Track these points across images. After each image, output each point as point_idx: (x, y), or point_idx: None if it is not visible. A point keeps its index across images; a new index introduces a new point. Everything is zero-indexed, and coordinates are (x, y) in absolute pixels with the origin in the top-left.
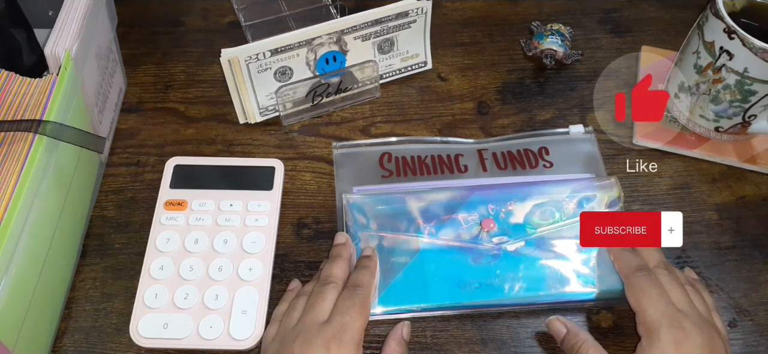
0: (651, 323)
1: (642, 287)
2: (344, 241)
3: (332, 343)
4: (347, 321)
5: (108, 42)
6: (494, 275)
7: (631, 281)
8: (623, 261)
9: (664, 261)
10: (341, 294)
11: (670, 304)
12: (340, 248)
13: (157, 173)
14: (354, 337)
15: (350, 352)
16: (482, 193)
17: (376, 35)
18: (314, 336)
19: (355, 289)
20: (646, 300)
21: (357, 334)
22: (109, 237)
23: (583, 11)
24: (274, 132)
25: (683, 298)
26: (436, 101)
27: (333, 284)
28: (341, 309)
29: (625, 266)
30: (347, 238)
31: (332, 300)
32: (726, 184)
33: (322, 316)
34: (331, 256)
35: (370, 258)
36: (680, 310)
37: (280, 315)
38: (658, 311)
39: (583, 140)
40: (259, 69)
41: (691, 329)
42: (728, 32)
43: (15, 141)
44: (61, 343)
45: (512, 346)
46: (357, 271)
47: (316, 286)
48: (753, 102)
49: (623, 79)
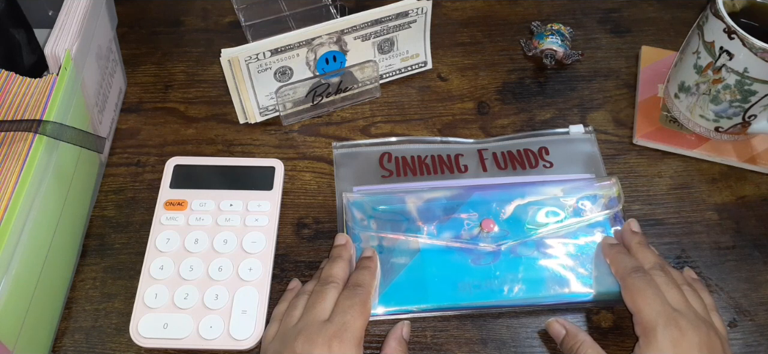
0: (647, 323)
1: (638, 288)
2: (344, 242)
3: (334, 342)
4: (348, 320)
5: (108, 42)
6: (494, 276)
7: (626, 282)
8: (619, 263)
9: (659, 262)
10: (342, 293)
11: (665, 303)
12: (340, 249)
13: (157, 173)
14: (355, 336)
15: (352, 350)
16: (482, 193)
17: (376, 35)
18: (316, 334)
19: (356, 288)
20: (641, 300)
21: (358, 332)
22: (109, 237)
23: (583, 11)
24: (274, 132)
25: (679, 298)
26: (436, 101)
27: (334, 284)
28: (342, 308)
29: (620, 268)
30: (348, 239)
31: (333, 299)
32: (726, 184)
33: (323, 314)
34: (331, 256)
35: (370, 258)
36: (676, 309)
37: (280, 314)
38: (654, 311)
39: (583, 140)
40: (259, 69)
41: (687, 328)
42: (728, 32)
43: (15, 141)
44: (61, 343)
45: (512, 346)
46: (358, 272)
47: (317, 286)
48: (753, 102)
49: (623, 79)
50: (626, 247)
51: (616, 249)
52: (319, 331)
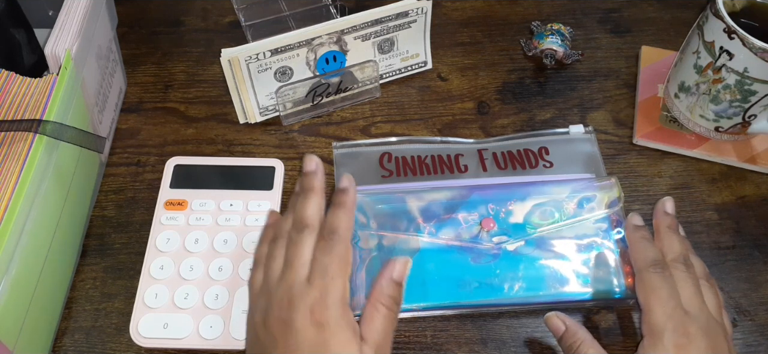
0: (656, 325)
1: (653, 285)
2: (315, 169)
3: (316, 309)
4: (328, 283)
5: (108, 42)
6: (494, 275)
7: (642, 276)
8: (639, 252)
9: (683, 252)
10: (318, 245)
11: (678, 306)
12: (311, 178)
13: (157, 173)
14: (337, 297)
15: (336, 312)
16: (482, 193)
17: (376, 35)
18: (298, 299)
19: (332, 237)
20: (654, 299)
21: (339, 292)
22: (109, 237)
23: (583, 11)
24: (274, 132)
25: (695, 298)
26: (436, 101)
27: (309, 229)
28: (321, 266)
29: (640, 259)
30: (318, 163)
31: (310, 248)
32: (726, 184)
33: (303, 271)
34: (302, 188)
35: (345, 192)
36: (688, 312)
37: (263, 258)
38: (665, 313)
39: (583, 140)
40: (259, 69)
41: (696, 334)
42: (728, 32)
43: (15, 141)
44: (61, 343)
45: (512, 346)
46: (332, 212)
47: (293, 232)
48: (753, 102)
49: (623, 79)
50: (655, 228)
51: (640, 234)
52: (301, 297)
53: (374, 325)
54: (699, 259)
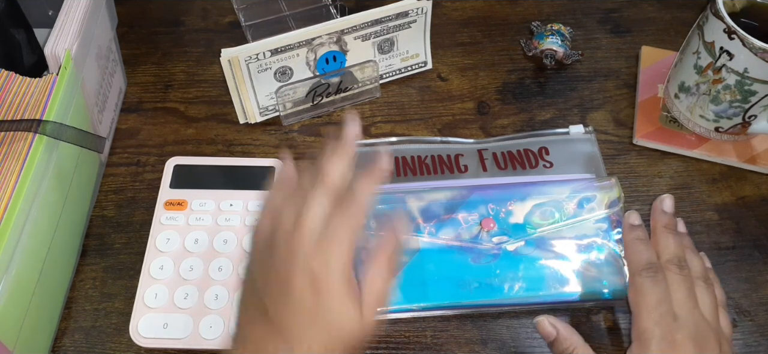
0: (643, 332)
1: (643, 290)
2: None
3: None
4: (334, 248)
5: (108, 42)
6: (494, 275)
7: (635, 280)
8: (633, 254)
9: (678, 254)
10: (335, 209)
11: (667, 313)
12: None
13: (157, 173)
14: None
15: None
16: (482, 193)
17: (376, 35)
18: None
19: (350, 204)
20: (643, 305)
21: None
22: (109, 237)
23: (583, 11)
24: (274, 132)
25: (686, 302)
26: (436, 101)
27: (329, 190)
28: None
29: (633, 262)
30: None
31: (324, 208)
32: (726, 184)
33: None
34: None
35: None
36: (678, 317)
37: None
38: (653, 320)
39: (583, 140)
40: (259, 69)
41: (682, 342)
42: (728, 32)
43: (15, 141)
44: (61, 343)
45: (512, 346)
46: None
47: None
48: (753, 102)
49: (623, 79)
50: (651, 227)
51: (635, 235)
52: (306, 259)
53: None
54: (699, 256)
